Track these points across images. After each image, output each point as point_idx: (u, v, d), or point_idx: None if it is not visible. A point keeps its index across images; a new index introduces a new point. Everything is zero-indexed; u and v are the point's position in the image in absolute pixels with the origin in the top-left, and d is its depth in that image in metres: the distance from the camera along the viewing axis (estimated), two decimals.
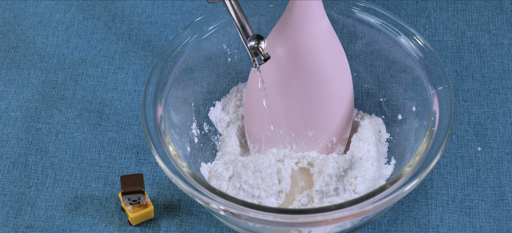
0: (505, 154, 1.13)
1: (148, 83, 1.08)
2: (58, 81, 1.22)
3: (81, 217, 1.09)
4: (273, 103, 1.09)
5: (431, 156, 1.01)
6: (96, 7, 1.30)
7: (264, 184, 1.06)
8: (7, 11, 1.30)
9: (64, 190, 1.11)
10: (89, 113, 1.18)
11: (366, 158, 1.09)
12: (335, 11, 1.14)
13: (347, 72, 1.09)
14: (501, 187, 1.10)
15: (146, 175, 1.12)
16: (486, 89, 1.19)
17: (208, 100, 1.15)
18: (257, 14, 1.16)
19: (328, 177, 1.06)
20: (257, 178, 1.06)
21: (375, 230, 1.08)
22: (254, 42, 1.02)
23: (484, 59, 1.22)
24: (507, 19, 1.26)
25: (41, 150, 1.15)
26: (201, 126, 1.13)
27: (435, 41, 1.24)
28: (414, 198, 1.10)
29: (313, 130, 1.09)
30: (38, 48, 1.26)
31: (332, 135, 1.10)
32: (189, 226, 1.08)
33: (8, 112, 1.19)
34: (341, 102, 1.09)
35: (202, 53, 1.14)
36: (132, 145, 1.15)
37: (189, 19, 1.28)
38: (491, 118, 1.16)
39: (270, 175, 1.06)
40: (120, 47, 1.25)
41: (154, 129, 1.04)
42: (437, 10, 1.28)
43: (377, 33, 1.13)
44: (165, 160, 1.01)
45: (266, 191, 1.05)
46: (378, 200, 0.97)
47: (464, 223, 1.08)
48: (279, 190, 1.06)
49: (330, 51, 1.06)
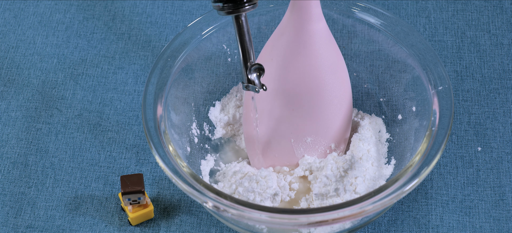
0: (505, 154, 1.13)
1: (148, 83, 1.08)
2: (58, 81, 1.22)
3: (81, 217, 1.09)
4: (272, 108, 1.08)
5: (431, 156, 1.01)
6: (96, 7, 1.30)
7: (258, 188, 1.05)
8: (7, 11, 1.30)
9: (64, 190, 1.11)
10: (89, 113, 1.18)
11: (366, 158, 1.09)
12: (335, 11, 1.14)
13: (346, 75, 1.09)
14: (501, 187, 1.10)
15: (146, 175, 1.12)
16: (486, 89, 1.19)
17: (208, 100, 1.15)
18: (257, 14, 1.16)
19: (325, 178, 1.06)
20: (252, 181, 1.06)
21: (375, 230, 1.08)
22: (255, 74, 1.01)
23: (484, 59, 1.22)
24: (507, 19, 1.26)
25: (41, 150, 1.15)
26: (201, 126, 1.13)
27: (435, 41, 1.24)
28: (414, 198, 1.10)
29: (312, 135, 1.09)
30: (38, 48, 1.26)
31: (331, 141, 1.10)
32: (189, 226, 1.08)
33: (8, 112, 1.19)
34: (340, 108, 1.08)
35: (202, 53, 1.14)
36: (132, 145, 1.15)
37: (189, 19, 1.28)
38: (491, 118, 1.16)
39: (264, 177, 1.06)
40: (120, 47, 1.25)
41: (154, 129, 1.04)
42: (437, 10, 1.28)
43: (377, 33, 1.13)
44: (165, 160, 1.01)
45: (261, 194, 1.05)
46: (378, 200, 0.97)
47: (464, 223, 1.08)
48: (274, 193, 1.06)
49: (328, 53, 1.06)
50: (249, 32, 1.00)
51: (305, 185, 1.08)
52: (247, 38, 1.00)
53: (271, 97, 1.07)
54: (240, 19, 0.99)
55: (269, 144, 1.10)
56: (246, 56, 1.00)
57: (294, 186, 1.08)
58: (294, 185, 1.08)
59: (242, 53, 1.00)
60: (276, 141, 1.09)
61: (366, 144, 1.10)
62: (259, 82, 1.01)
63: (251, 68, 1.00)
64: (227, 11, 0.99)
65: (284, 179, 1.09)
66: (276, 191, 1.06)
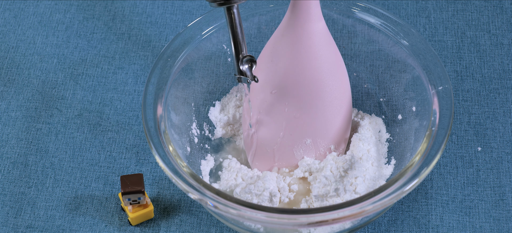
0: (505, 154, 1.13)
1: (148, 83, 1.08)
2: (58, 81, 1.22)
3: (81, 217, 1.09)
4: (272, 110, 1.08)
5: (431, 156, 1.01)
6: (96, 7, 1.30)
7: (255, 189, 1.05)
8: (7, 11, 1.30)
9: (64, 190, 1.11)
10: (89, 113, 1.18)
11: (366, 158, 1.09)
12: (335, 11, 1.14)
13: (345, 77, 1.08)
14: (501, 187, 1.10)
15: (146, 175, 1.12)
16: (486, 89, 1.19)
17: (208, 100, 1.15)
18: (257, 14, 1.16)
19: (324, 179, 1.05)
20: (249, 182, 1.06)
21: (375, 230, 1.08)
22: (247, 66, 1.02)
23: (484, 59, 1.22)
24: (507, 19, 1.26)
25: (41, 150, 1.15)
26: (201, 126, 1.13)
27: (435, 41, 1.24)
28: (414, 198, 1.10)
29: (311, 137, 1.09)
30: (38, 48, 1.26)
31: (330, 143, 1.10)
32: (189, 226, 1.08)
33: (8, 112, 1.19)
34: (339, 109, 1.08)
35: (202, 53, 1.14)
36: (132, 145, 1.15)
37: (189, 19, 1.28)
38: (491, 118, 1.16)
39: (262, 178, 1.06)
40: (120, 47, 1.25)
41: (154, 129, 1.04)
42: (437, 10, 1.28)
43: (377, 33, 1.13)
44: (165, 160, 1.01)
45: (258, 196, 1.05)
46: (378, 200, 0.97)
47: (464, 223, 1.08)
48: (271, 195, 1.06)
49: (328, 53, 1.06)
50: (241, 24, 1.01)
51: (305, 186, 1.08)
52: (239, 30, 1.01)
53: (270, 98, 1.07)
54: (232, 10, 1.00)
55: (268, 145, 1.10)
56: (238, 48, 1.01)
57: (294, 187, 1.08)
58: (294, 187, 1.08)
59: (234, 45, 1.01)
60: (275, 142, 1.09)
61: (366, 144, 1.10)
62: (251, 73, 1.02)
63: (242, 60, 1.01)
64: (219, 3, 1.00)
65: (284, 180, 1.09)
66: (273, 192, 1.06)
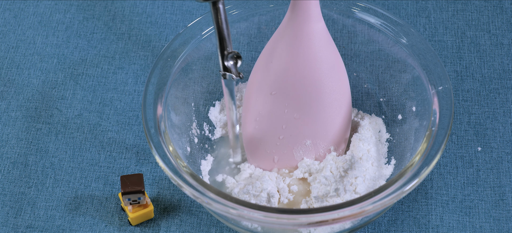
0: (505, 154, 1.13)
1: (148, 83, 1.08)
2: (58, 81, 1.22)
3: (81, 217, 1.09)
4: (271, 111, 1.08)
5: (431, 156, 1.01)
6: (96, 7, 1.30)
7: (253, 190, 1.05)
8: (7, 11, 1.30)
9: (64, 190, 1.11)
10: (89, 113, 1.18)
11: (366, 158, 1.09)
12: (335, 11, 1.14)
13: (345, 77, 1.08)
14: (501, 187, 1.10)
15: (146, 175, 1.12)
16: (486, 89, 1.19)
17: (208, 100, 1.15)
18: (257, 14, 1.16)
19: (324, 179, 1.05)
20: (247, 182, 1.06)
21: (375, 230, 1.08)
22: (232, 62, 1.01)
23: (484, 59, 1.22)
24: (507, 19, 1.26)
25: (41, 150, 1.15)
26: (201, 126, 1.13)
27: (435, 41, 1.24)
28: (414, 198, 1.10)
29: (311, 138, 1.09)
30: (38, 48, 1.26)
31: (330, 144, 1.10)
32: (189, 226, 1.08)
33: (8, 112, 1.19)
34: (339, 110, 1.08)
35: (202, 53, 1.14)
36: (132, 145, 1.15)
37: (189, 19, 1.28)
38: (491, 118, 1.16)
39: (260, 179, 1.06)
40: (120, 47, 1.25)
41: (154, 129, 1.04)
42: (437, 10, 1.28)
43: (377, 33, 1.13)
44: (165, 160, 1.01)
45: (256, 196, 1.05)
46: (378, 200, 0.97)
47: (464, 223, 1.08)
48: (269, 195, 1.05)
49: (328, 54, 1.06)
50: (226, 19, 1.00)
51: (305, 187, 1.08)
52: (224, 26, 1.00)
53: (270, 100, 1.07)
54: (217, 5, 0.99)
55: (268, 146, 1.09)
56: (223, 44, 1.00)
57: (293, 188, 1.08)
58: (293, 187, 1.08)
59: (219, 40, 1.00)
60: (275, 143, 1.09)
61: (366, 144, 1.10)
62: (236, 70, 1.01)
63: (227, 56, 1.00)
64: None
65: (283, 181, 1.09)
66: (271, 193, 1.06)
